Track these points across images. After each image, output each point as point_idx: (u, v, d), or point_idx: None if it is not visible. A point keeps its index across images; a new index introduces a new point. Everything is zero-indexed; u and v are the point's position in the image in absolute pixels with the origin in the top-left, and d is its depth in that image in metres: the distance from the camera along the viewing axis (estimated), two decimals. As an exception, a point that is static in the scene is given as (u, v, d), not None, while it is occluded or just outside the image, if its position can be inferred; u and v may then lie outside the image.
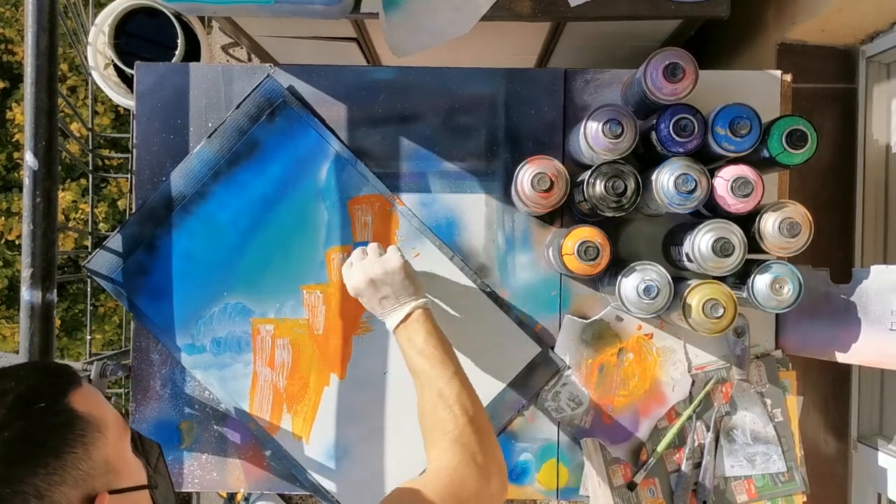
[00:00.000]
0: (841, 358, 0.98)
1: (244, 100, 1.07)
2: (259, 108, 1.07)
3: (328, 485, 1.09)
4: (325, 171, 1.08)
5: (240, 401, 1.09)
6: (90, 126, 1.54)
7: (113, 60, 1.76)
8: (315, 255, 1.08)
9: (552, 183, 0.94)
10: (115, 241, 1.08)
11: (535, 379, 1.08)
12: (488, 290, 1.08)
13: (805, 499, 1.06)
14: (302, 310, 1.09)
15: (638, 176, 0.92)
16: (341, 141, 1.08)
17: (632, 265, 0.93)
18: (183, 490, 1.09)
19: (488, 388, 1.08)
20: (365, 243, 1.01)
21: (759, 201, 0.90)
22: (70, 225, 2.37)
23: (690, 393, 1.07)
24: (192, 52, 1.79)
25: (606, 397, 1.08)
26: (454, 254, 1.08)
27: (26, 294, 0.89)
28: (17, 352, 0.91)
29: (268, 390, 1.09)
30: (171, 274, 1.08)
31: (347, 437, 1.09)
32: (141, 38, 1.77)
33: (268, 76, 1.08)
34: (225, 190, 1.08)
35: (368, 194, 1.08)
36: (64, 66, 2.45)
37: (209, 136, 1.07)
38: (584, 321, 1.07)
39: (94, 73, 1.74)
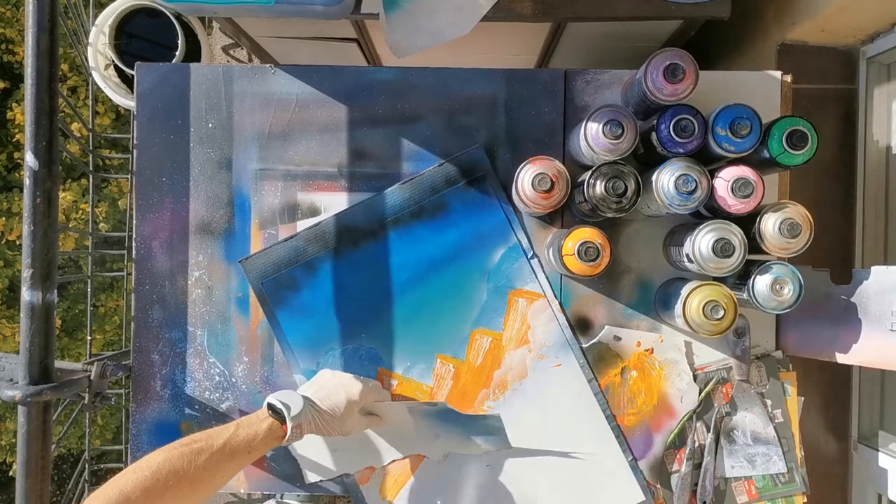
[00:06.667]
0: (841, 359, 0.98)
1: (449, 160, 1.08)
2: (460, 173, 1.08)
3: None
4: (500, 254, 1.07)
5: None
6: (90, 126, 1.54)
7: (113, 61, 1.76)
8: (461, 330, 1.08)
9: (553, 183, 0.94)
10: (279, 248, 1.08)
11: None
12: (614, 423, 1.06)
13: (805, 499, 1.06)
14: (430, 377, 1.08)
15: (638, 176, 0.92)
16: (526, 234, 1.07)
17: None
18: (183, 490, 1.09)
19: None
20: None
21: (760, 202, 0.90)
22: (70, 225, 2.38)
23: (691, 393, 1.07)
24: (193, 53, 1.79)
25: (616, 417, 1.07)
26: (594, 377, 1.07)
27: (26, 294, 0.89)
28: (17, 352, 0.91)
29: None
30: (320, 298, 1.08)
31: None
32: (141, 39, 1.77)
33: (478, 145, 1.07)
34: (399, 238, 1.08)
35: (532, 291, 1.08)
36: (64, 67, 2.45)
37: (403, 182, 1.07)
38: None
39: (94, 74, 1.74)
